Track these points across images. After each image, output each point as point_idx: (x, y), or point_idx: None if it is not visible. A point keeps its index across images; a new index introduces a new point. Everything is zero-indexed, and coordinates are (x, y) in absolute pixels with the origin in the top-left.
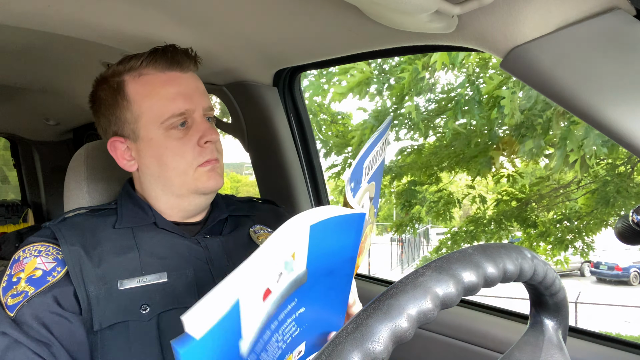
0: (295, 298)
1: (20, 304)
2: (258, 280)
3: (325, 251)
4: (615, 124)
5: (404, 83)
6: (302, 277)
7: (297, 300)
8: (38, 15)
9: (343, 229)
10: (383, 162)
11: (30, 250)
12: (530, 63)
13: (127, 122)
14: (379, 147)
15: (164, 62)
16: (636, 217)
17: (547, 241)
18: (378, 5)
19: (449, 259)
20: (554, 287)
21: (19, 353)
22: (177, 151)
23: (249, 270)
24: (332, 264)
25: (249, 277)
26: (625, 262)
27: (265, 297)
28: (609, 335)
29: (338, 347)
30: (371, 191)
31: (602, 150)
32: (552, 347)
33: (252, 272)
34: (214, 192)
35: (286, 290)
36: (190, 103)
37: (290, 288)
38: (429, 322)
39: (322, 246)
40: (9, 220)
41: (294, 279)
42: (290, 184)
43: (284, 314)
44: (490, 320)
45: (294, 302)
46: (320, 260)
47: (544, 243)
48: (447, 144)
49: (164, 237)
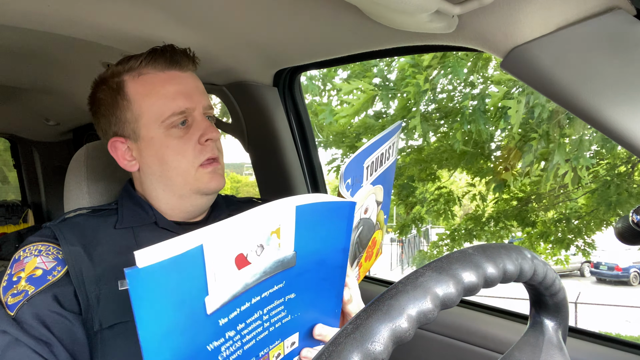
0: (283, 280)
1: (21, 303)
2: (229, 239)
3: (314, 236)
4: (615, 124)
5: (409, 97)
6: (290, 260)
7: (285, 283)
8: (38, 15)
9: (333, 216)
10: (393, 167)
11: (31, 249)
12: (531, 63)
13: (127, 122)
14: (385, 150)
15: (163, 61)
16: (636, 217)
17: (547, 241)
18: (378, 5)
19: (449, 259)
20: (554, 288)
21: (19, 352)
22: (178, 150)
23: (218, 225)
24: (322, 251)
25: (216, 230)
26: (625, 263)
27: (242, 266)
28: (608, 335)
29: (338, 347)
30: (378, 194)
31: (591, 161)
32: (552, 347)
33: (221, 227)
34: (215, 192)
35: (271, 269)
36: (190, 101)
37: (276, 267)
38: (429, 323)
39: (310, 230)
40: (9, 221)
41: (280, 259)
42: (290, 184)
43: (269, 293)
44: (490, 320)
45: (282, 284)
46: (309, 245)
47: (544, 243)
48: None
49: (164, 236)
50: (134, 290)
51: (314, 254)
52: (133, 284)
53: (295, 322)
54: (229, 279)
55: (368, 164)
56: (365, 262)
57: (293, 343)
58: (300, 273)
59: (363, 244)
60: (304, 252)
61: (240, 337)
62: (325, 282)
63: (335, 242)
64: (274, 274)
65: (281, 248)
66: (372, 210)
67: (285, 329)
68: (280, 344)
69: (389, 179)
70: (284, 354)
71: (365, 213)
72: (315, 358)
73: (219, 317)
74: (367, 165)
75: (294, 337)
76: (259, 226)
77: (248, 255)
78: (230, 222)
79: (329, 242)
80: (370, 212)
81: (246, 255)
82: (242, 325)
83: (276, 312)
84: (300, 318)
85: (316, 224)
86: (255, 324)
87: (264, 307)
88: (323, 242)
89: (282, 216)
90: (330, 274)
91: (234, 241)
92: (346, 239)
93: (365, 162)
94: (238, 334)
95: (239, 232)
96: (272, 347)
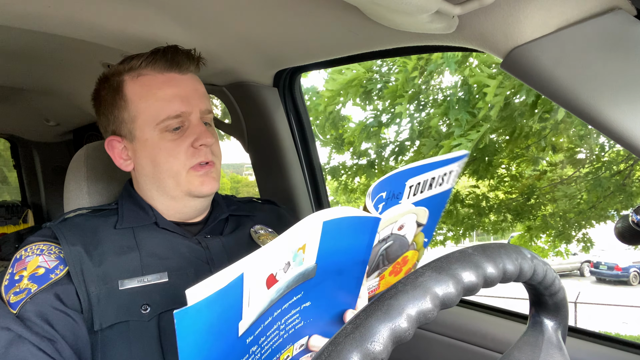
0: (301, 291)
1: (23, 301)
2: (264, 264)
3: (335, 249)
4: (615, 124)
5: (397, 84)
6: (310, 272)
7: (303, 293)
8: (38, 16)
9: (356, 230)
10: (446, 195)
11: (32, 249)
12: (531, 63)
13: (124, 122)
14: (439, 176)
15: (163, 63)
16: (636, 217)
17: (548, 234)
18: (378, 5)
19: (449, 259)
20: (553, 287)
21: (22, 349)
22: (170, 152)
23: (257, 253)
24: (342, 263)
25: (256, 258)
26: (625, 262)
27: (270, 285)
28: (608, 335)
29: (338, 347)
30: (420, 216)
31: None
32: (552, 347)
33: (259, 255)
34: (208, 196)
35: (293, 281)
36: (186, 105)
37: (297, 280)
38: (429, 322)
39: (333, 244)
40: (8, 221)
41: (302, 272)
42: (290, 184)
43: (288, 304)
44: (490, 320)
45: (300, 294)
46: (330, 258)
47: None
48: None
49: (164, 237)
50: (181, 329)
51: (334, 265)
52: (181, 323)
53: (306, 327)
54: (260, 300)
55: (413, 183)
56: (388, 276)
57: (302, 345)
58: (318, 283)
59: (390, 258)
60: (325, 264)
61: (260, 349)
62: (341, 291)
63: (356, 254)
64: (295, 287)
65: (304, 262)
66: (409, 229)
67: (297, 333)
68: (290, 347)
69: (438, 204)
70: (292, 355)
71: (399, 229)
72: (315, 358)
73: (247, 337)
74: (411, 185)
75: (303, 340)
76: (289, 246)
77: (277, 274)
78: (268, 248)
79: (349, 254)
80: (407, 230)
81: (275, 274)
82: (263, 339)
83: (291, 320)
84: (312, 323)
85: (339, 238)
86: (273, 334)
87: (282, 318)
88: (344, 254)
89: (309, 233)
90: (346, 284)
91: (268, 264)
92: (366, 251)
93: (409, 181)
94: (259, 347)
95: (272, 255)
96: (283, 351)
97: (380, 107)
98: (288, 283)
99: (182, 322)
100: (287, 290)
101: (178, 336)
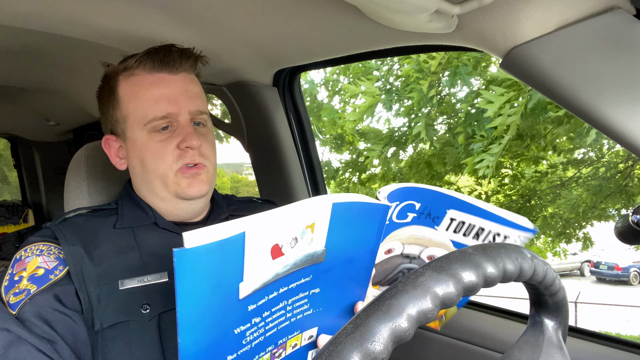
0: (310, 274)
1: (23, 302)
2: (268, 229)
3: (345, 235)
4: (615, 124)
5: (414, 103)
6: (320, 255)
7: (312, 277)
8: (38, 15)
9: (366, 217)
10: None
11: (32, 249)
12: (530, 63)
13: (118, 122)
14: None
15: (154, 63)
16: (636, 217)
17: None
18: (378, 5)
19: (449, 258)
20: (553, 287)
21: (22, 350)
22: (156, 153)
23: (260, 216)
24: (352, 251)
25: (258, 220)
26: (625, 262)
27: (276, 256)
28: (608, 335)
29: (338, 347)
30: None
31: None
32: (552, 347)
33: (263, 218)
34: (196, 198)
35: (301, 261)
36: (174, 106)
37: (306, 260)
38: (429, 322)
39: (343, 228)
40: (9, 221)
41: (311, 253)
42: (290, 184)
43: (296, 285)
44: (490, 320)
45: (309, 277)
46: (340, 243)
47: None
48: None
49: (164, 237)
50: (179, 269)
51: (344, 252)
52: (179, 263)
53: (316, 316)
54: (263, 267)
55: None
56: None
57: (311, 336)
58: (328, 269)
59: None
60: (334, 249)
61: (264, 323)
62: (350, 282)
63: (366, 242)
64: (303, 267)
65: (313, 242)
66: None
67: (305, 321)
68: (298, 335)
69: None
70: (300, 345)
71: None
72: (315, 358)
73: (248, 303)
74: (453, 217)
75: (313, 331)
76: (297, 219)
77: (283, 246)
78: (271, 213)
79: (359, 242)
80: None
81: (281, 246)
82: (267, 313)
83: (300, 304)
84: (321, 313)
85: (349, 223)
86: (279, 313)
87: (289, 297)
88: (353, 241)
89: (318, 211)
90: (357, 274)
91: (273, 232)
92: (376, 240)
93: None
94: (263, 321)
95: (278, 224)
96: (291, 337)
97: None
98: (295, 261)
99: (181, 262)
100: (294, 268)
101: (176, 276)
